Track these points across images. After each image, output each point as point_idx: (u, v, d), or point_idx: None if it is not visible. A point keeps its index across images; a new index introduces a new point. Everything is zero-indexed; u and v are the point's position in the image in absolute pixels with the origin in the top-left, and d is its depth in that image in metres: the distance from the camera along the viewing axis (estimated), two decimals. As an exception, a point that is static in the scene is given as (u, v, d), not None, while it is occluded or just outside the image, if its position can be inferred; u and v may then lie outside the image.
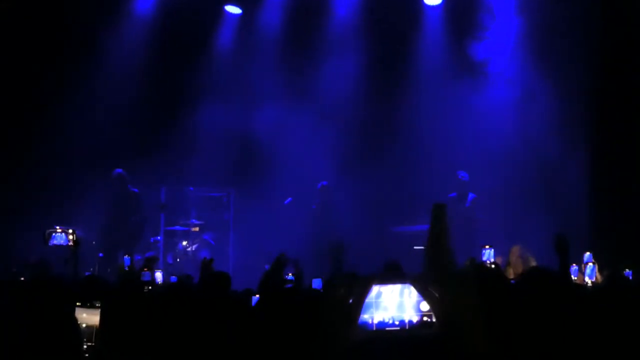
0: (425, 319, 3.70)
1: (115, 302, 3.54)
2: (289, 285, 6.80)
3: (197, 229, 10.53)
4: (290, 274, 7.02)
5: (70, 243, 6.11)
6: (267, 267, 8.27)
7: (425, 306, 3.77)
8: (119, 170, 9.55)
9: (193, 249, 10.31)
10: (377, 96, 10.80)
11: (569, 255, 5.06)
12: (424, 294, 2.67)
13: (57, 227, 6.15)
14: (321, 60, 10.69)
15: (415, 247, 9.61)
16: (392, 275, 3.97)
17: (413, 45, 11.05)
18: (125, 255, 7.01)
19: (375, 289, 3.68)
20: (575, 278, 5.46)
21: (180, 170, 10.18)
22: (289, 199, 10.36)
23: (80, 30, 10.12)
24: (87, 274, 6.86)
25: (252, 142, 10.72)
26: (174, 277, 7.40)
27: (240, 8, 11.21)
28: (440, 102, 10.42)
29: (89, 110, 9.85)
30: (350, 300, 2.48)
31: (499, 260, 6.41)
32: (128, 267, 6.79)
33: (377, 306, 3.81)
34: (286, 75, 10.70)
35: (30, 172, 9.70)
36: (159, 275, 6.76)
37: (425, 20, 11.11)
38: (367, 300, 3.08)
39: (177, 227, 10.43)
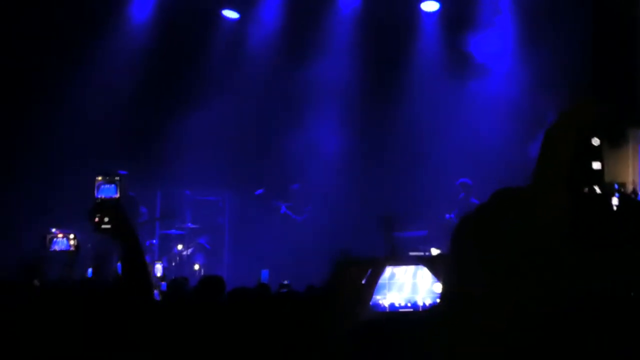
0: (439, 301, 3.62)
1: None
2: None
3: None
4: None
5: (72, 248, 6.00)
6: (263, 272, 8.24)
7: (439, 288, 3.69)
8: (121, 172, 9.37)
9: (188, 253, 10.27)
10: (376, 102, 10.81)
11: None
12: (438, 275, 2.61)
13: (58, 232, 6.04)
14: (318, 62, 10.67)
15: (411, 254, 9.59)
16: (406, 256, 3.87)
17: (410, 48, 11.09)
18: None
19: (389, 270, 3.54)
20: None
21: (176, 174, 10.12)
22: (261, 190, 10.31)
23: (76, 32, 10.07)
24: (89, 276, 6.77)
25: (248, 146, 10.70)
26: (164, 283, 7.37)
27: (238, 12, 11.22)
28: (438, 108, 10.45)
29: (85, 112, 9.77)
30: (363, 281, 2.43)
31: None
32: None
33: (390, 287, 3.67)
34: (282, 78, 10.68)
35: (23, 174, 9.60)
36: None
37: (423, 23, 11.16)
38: (380, 281, 3.00)
39: (173, 231, 10.38)
